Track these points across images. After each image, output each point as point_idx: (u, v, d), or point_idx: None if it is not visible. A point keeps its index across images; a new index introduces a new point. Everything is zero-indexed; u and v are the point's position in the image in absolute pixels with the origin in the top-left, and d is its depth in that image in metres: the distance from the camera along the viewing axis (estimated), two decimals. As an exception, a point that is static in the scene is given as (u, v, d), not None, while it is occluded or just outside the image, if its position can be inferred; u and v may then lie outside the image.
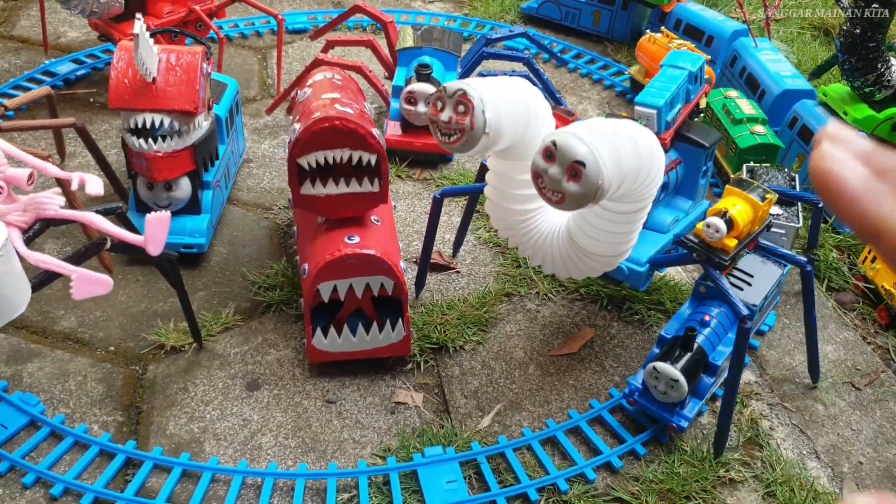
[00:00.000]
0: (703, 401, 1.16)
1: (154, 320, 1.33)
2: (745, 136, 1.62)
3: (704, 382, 1.15)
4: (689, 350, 1.12)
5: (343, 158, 1.13)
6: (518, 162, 1.01)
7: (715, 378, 1.16)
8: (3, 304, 0.94)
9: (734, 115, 1.66)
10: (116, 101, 1.31)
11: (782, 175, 1.49)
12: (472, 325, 1.34)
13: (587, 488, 1.11)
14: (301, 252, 1.26)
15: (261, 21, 2.24)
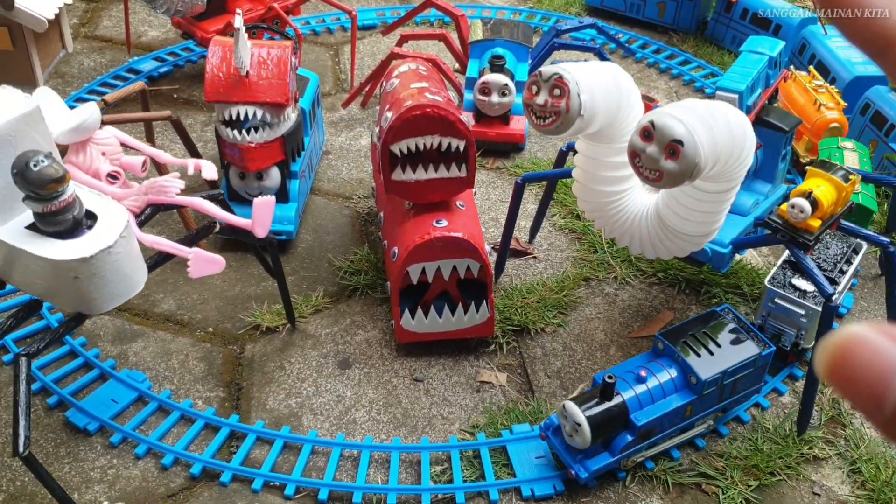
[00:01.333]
0: (616, 458, 1.07)
1: (248, 303, 1.39)
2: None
3: (622, 438, 1.06)
4: (608, 399, 1.05)
5: (433, 145, 1.18)
6: (608, 144, 1.04)
7: (641, 443, 1.08)
8: (125, 282, 1.00)
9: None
10: (212, 94, 1.37)
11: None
12: (553, 308, 1.38)
13: (672, 464, 1.14)
14: (389, 236, 1.31)
15: (331, 18, 2.30)
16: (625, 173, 1.07)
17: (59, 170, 0.93)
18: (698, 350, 1.10)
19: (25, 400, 0.91)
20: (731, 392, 1.13)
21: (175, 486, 1.11)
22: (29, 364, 0.94)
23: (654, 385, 1.08)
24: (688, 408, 1.10)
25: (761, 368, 1.14)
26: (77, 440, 1.17)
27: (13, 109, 0.96)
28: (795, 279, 1.20)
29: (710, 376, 1.07)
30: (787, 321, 1.21)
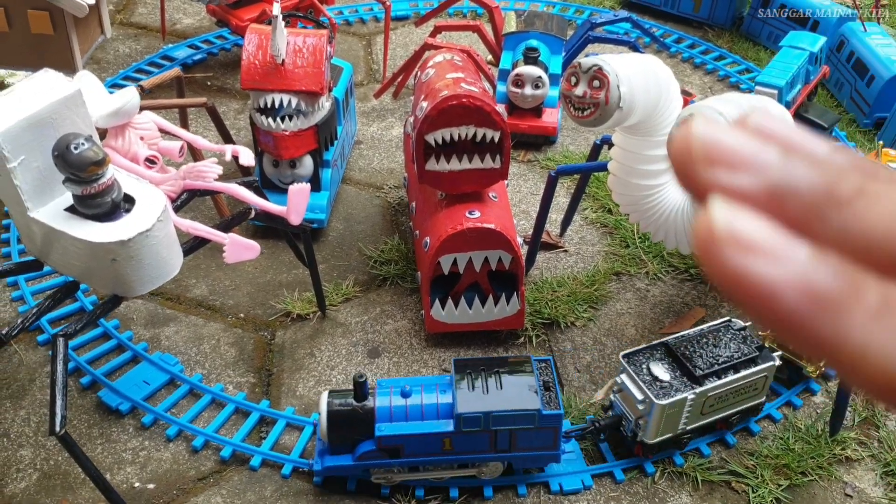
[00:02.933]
0: (355, 463, 1.03)
1: (279, 290, 1.40)
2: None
3: (364, 445, 1.03)
4: (359, 399, 1.03)
5: (468, 135, 1.18)
6: (645, 137, 1.03)
7: (388, 458, 1.03)
8: (161, 266, 1.01)
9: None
10: (248, 82, 1.38)
11: None
12: (583, 301, 1.37)
13: (702, 462, 1.13)
14: (421, 226, 1.31)
15: (364, 8, 2.30)
16: (661, 167, 1.06)
17: (99, 153, 0.93)
18: (479, 384, 1.03)
19: (62, 380, 0.92)
20: (510, 445, 1.04)
21: (205, 469, 1.12)
22: (66, 344, 0.95)
23: (415, 404, 1.02)
24: (445, 439, 1.02)
25: (549, 431, 1.03)
26: (110, 421, 1.18)
27: (55, 92, 0.97)
28: (656, 364, 1.06)
29: (468, 412, 1.00)
30: (630, 404, 1.08)
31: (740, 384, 1.08)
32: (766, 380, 1.11)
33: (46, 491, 1.09)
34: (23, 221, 1.01)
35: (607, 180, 1.13)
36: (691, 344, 1.09)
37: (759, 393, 1.12)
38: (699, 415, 1.08)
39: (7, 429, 1.17)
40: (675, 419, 1.06)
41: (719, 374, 1.06)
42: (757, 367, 1.08)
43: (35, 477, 1.11)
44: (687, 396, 1.03)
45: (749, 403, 1.12)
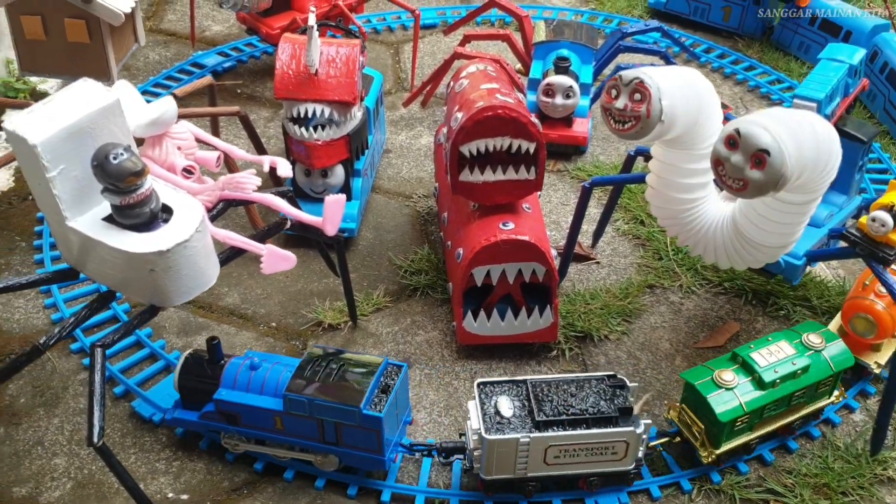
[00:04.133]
0: (197, 420, 1.09)
1: (311, 299, 1.39)
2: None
3: (209, 405, 1.08)
4: (212, 361, 1.07)
5: (503, 146, 1.17)
6: (686, 151, 1.02)
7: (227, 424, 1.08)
8: (199, 276, 1.01)
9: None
10: (281, 92, 1.38)
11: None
12: (617, 315, 1.36)
13: (739, 479, 1.12)
14: (453, 237, 1.30)
15: (392, 17, 2.30)
16: (701, 180, 1.05)
17: (138, 163, 0.94)
18: (320, 373, 1.05)
19: (100, 390, 0.92)
20: (336, 439, 1.05)
21: (238, 480, 1.12)
22: (104, 355, 0.95)
23: (258, 378, 1.06)
24: (276, 418, 1.05)
25: (371, 434, 1.03)
26: (143, 430, 1.18)
27: (94, 102, 0.97)
28: (505, 399, 1.03)
29: (294, 395, 1.02)
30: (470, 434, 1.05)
31: (592, 443, 1.02)
32: (627, 446, 1.03)
33: (81, 500, 1.09)
34: (60, 230, 1.01)
35: (645, 193, 1.12)
36: (551, 388, 1.05)
37: (626, 460, 1.05)
38: (543, 463, 1.03)
39: (41, 437, 1.17)
40: (510, 460, 1.02)
41: (565, 425, 1.01)
42: (613, 428, 1.01)
43: (69, 486, 1.11)
44: (519, 438, 0.99)
45: (616, 468, 1.06)
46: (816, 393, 1.13)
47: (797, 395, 1.10)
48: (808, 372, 1.09)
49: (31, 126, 0.93)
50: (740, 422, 1.07)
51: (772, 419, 1.11)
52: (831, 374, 1.11)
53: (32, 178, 0.97)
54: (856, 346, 1.20)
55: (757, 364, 1.08)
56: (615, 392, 1.05)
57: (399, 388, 1.07)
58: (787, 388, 1.08)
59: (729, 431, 1.07)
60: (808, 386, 1.10)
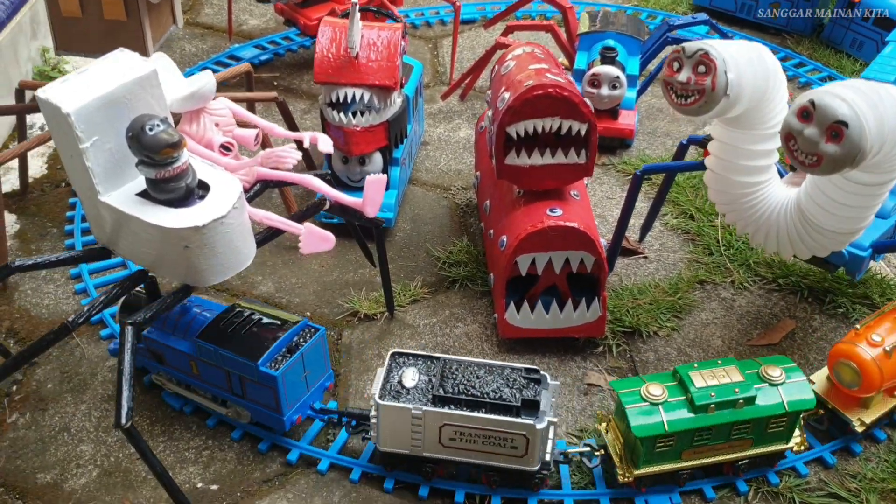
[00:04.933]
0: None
1: (346, 289, 1.35)
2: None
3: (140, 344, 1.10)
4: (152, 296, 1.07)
5: (552, 127, 1.12)
6: (749, 130, 0.96)
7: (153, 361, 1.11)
8: (234, 255, 0.97)
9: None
10: (321, 76, 1.34)
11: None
12: (666, 311, 1.30)
13: (799, 482, 1.05)
14: (495, 225, 1.25)
15: (431, 12, 2.26)
16: (765, 163, 0.99)
17: (175, 135, 0.90)
18: (238, 326, 1.05)
19: (130, 370, 0.88)
20: (242, 392, 1.06)
21: (270, 471, 1.07)
22: (135, 333, 0.91)
23: (185, 321, 1.08)
24: (192, 362, 1.07)
25: (269, 391, 1.02)
26: (172, 419, 1.14)
27: (130, 72, 0.93)
28: (412, 371, 1.00)
29: (204, 342, 1.04)
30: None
31: (489, 430, 0.96)
32: (527, 443, 0.96)
33: (107, 488, 1.05)
34: (92, 207, 0.98)
35: (704, 177, 1.06)
36: (462, 368, 1.00)
37: (529, 459, 0.98)
38: (438, 443, 0.98)
39: (68, 423, 1.13)
40: (405, 433, 0.98)
41: (462, 405, 0.96)
42: (510, 417, 0.95)
43: (95, 473, 1.07)
44: (411, 409, 0.95)
45: (518, 466, 0.99)
46: (766, 432, 1.00)
47: (739, 429, 0.99)
48: (754, 405, 0.98)
49: (65, 94, 0.89)
50: (663, 443, 0.98)
51: (706, 451, 1.00)
52: (783, 413, 0.99)
53: (65, 150, 0.94)
54: (844, 398, 1.07)
55: (693, 384, 0.98)
56: (528, 384, 0.99)
57: (309, 351, 1.06)
58: (723, 417, 0.97)
59: (649, 452, 0.98)
60: (751, 420, 0.98)
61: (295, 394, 1.05)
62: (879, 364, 1.01)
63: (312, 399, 1.10)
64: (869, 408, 1.06)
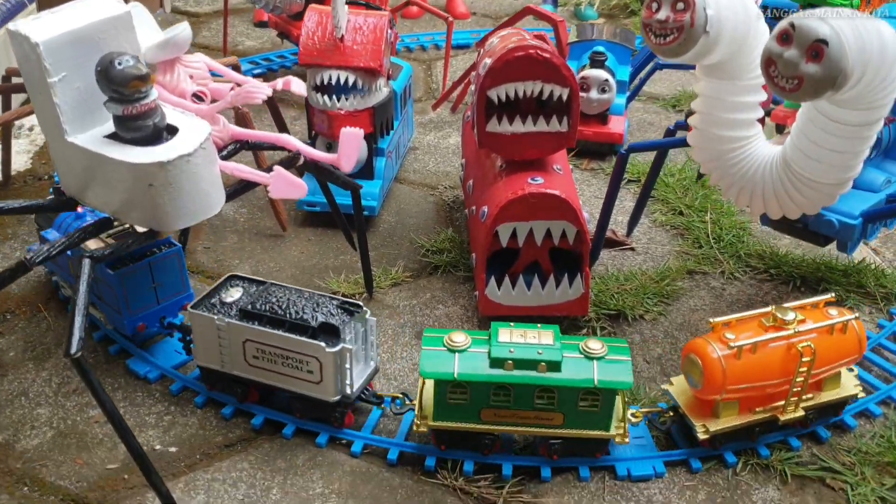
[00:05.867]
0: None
1: (325, 273, 1.31)
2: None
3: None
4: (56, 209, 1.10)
5: (534, 92, 1.10)
6: (731, 81, 0.94)
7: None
8: (201, 199, 0.94)
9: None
10: (305, 57, 1.33)
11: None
12: (653, 295, 1.26)
13: (790, 455, 0.99)
14: (477, 200, 1.23)
15: (425, 38, 2.29)
16: (749, 116, 0.97)
17: (143, 69, 0.88)
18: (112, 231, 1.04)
19: (84, 300, 0.84)
20: (99, 294, 1.10)
21: (233, 436, 1.02)
22: (93, 266, 0.88)
23: (77, 224, 1.09)
24: (70, 262, 1.12)
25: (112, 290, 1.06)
26: (136, 386, 1.09)
27: (103, 11, 0.92)
28: (239, 290, 1.02)
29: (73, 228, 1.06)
30: None
31: (285, 350, 0.96)
32: (320, 367, 0.94)
33: (60, 449, 1.00)
34: (61, 151, 0.95)
35: (687, 136, 1.04)
36: (285, 292, 1.00)
37: (325, 387, 0.96)
38: (244, 361, 0.99)
39: (27, 388, 1.09)
40: (214, 346, 0.99)
41: (264, 321, 0.96)
42: (303, 338, 0.94)
43: (50, 435, 1.02)
44: (215, 319, 0.96)
45: (315, 394, 0.97)
46: (577, 410, 0.93)
47: (542, 397, 0.92)
48: (558, 372, 0.91)
49: (36, 27, 0.88)
50: (455, 394, 0.92)
51: (509, 416, 0.94)
52: (592, 389, 0.91)
53: (34, 88, 0.92)
54: (698, 404, 0.98)
55: (497, 337, 0.93)
56: (339, 314, 0.97)
57: (160, 263, 1.07)
58: (522, 378, 0.91)
59: (441, 401, 0.93)
60: (555, 389, 0.91)
61: (140, 300, 1.08)
62: (725, 364, 0.91)
63: (166, 313, 1.11)
64: (719, 417, 0.96)
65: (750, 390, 0.94)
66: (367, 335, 1.00)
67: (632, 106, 1.88)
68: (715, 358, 0.91)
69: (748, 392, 0.94)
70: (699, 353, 0.93)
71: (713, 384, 0.92)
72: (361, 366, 1.02)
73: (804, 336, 0.94)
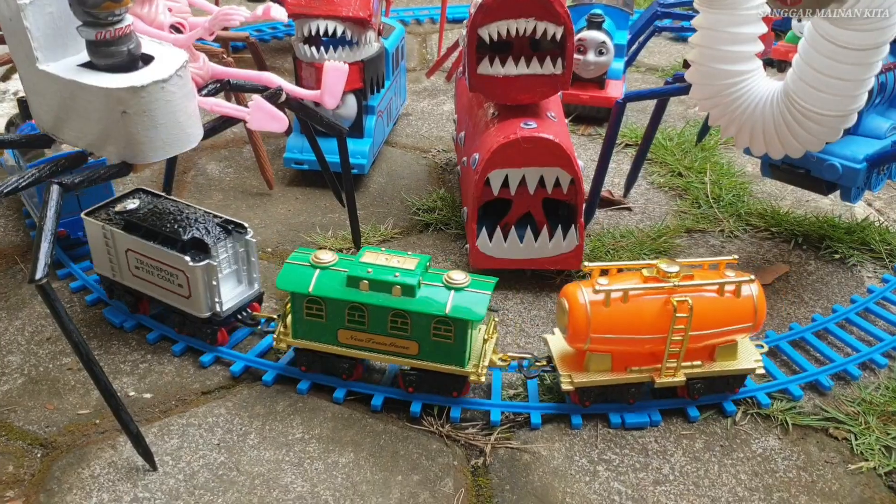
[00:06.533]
0: None
1: (312, 229, 1.27)
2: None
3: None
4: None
5: (527, 30, 1.06)
6: (730, 11, 0.91)
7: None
8: (177, 130, 0.90)
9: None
10: (293, 7, 1.30)
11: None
12: (649, 252, 1.22)
13: (792, 405, 0.95)
14: (468, 149, 1.19)
15: (421, 12, 2.25)
16: (748, 49, 0.93)
17: (117, -11, 0.84)
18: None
19: (51, 226, 0.80)
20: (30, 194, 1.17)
21: (212, 383, 0.98)
22: (60, 193, 0.84)
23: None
24: None
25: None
26: (111, 335, 1.05)
27: (77, -65, 0.88)
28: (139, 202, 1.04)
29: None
30: None
31: (160, 263, 0.98)
32: (187, 281, 0.96)
33: (31, 395, 0.96)
34: (34, 83, 0.92)
35: (685, 74, 1.00)
36: (176, 206, 1.02)
37: (195, 303, 0.97)
38: (129, 271, 1.02)
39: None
40: (105, 255, 1.03)
41: (143, 233, 0.99)
42: (174, 251, 0.95)
43: (20, 381, 0.98)
44: (101, 227, 1.00)
45: (188, 309, 0.99)
46: (432, 340, 0.89)
47: (396, 322, 0.89)
48: (413, 297, 0.88)
49: (4, -54, 0.85)
50: (312, 311, 0.91)
51: (366, 340, 0.91)
52: (444, 318, 0.87)
53: (3, 15, 0.88)
54: (572, 357, 0.92)
55: (360, 258, 0.92)
56: (218, 232, 0.98)
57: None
58: (376, 299, 0.88)
59: (299, 317, 0.92)
60: (408, 314, 0.88)
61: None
62: (591, 310, 0.86)
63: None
64: (588, 370, 0.90)
65: (620, 343, 0.87)
66: (248, 257, 1.01)
67: (630, 77, 1.84)
68: (581, 303, 0.86)
69: (618, 345, 0.88)
70: (568, 296, 0.88)
71: (577, 330, 0.86)
72: (241, 287, 1.02)
73: (685, 291, 0.87)
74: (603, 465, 0.88)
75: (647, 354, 0.90)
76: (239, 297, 1.02)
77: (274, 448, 0.88)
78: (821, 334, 1.06)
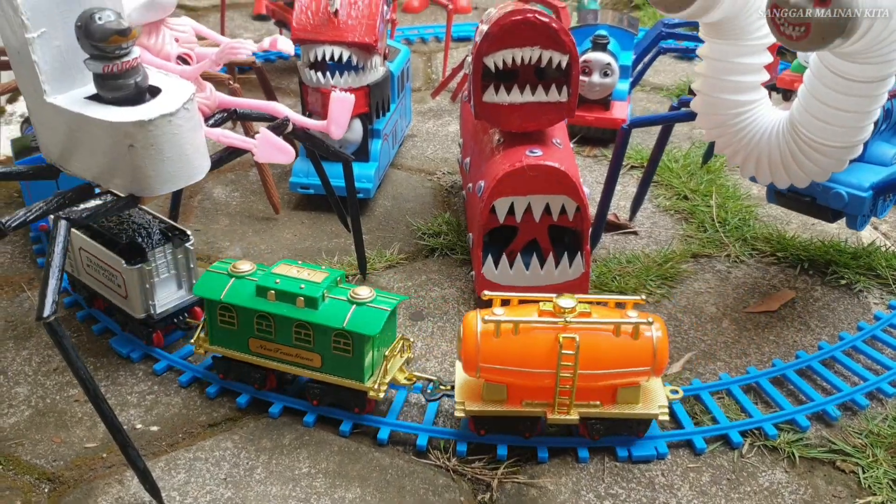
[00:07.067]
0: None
1: (318, 255, 1.28)
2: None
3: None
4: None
5: (532, 59, 1.06)
6: (735, 41, 0.91)
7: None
8: (184, 163, 0.90)
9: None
10: (299, 33, 1.30)
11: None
12: (656, 278, 1.22)
13: (799, 436, 0.95)
14: (474, 175, 1.19)
15: (426, 31, 2.26)
16: (754, 79, 0.93)
17: (124, 23, 0.84)
18: None
19: (59, 262, 0.80)
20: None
21: (218, 415, 0.98)
22: (68, 228, 0.84)
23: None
24: None
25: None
26: (118, 366, 1.05)
27: (84, -32, 0.89)
28: (95, 199, 1.01)
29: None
30: None
31: (99, 261, 1.04)
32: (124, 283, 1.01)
33: (38, 427, 0.96)
34: (41, 115, 0.92)
35: (691, 104, 1.00)
36: (130, 213, 1.07)
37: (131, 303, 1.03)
38: (84, 269, 1.08)
39: (6, 367, 1.05)
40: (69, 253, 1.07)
41: (91, 232, 1.05)
42: (112, 253, 1.01)
43: (28, 413, 0.98)
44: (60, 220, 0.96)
45: (128, 309, 1.04)
46: (333, 354, 0.91)
47: (300, 333, 0.92)
48: (315, 309, 0.91)
49: (12, -19, 0.85)
50: (224, 317, 0.96)
51: (274, 350, 0.95)
52: (341, 331, 0.89)
53: (12, 47, 0.89)
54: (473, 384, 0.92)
55: (272, 269, 0.95)
56: (161, 236, 1.04)
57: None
58: (281, 309, 0.92)
59: (213, 324, 0.97)
60: (310, 326, 0.91)
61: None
62: (480, 339, 0.86)
63: None
64: (484, 399, 0.90)
65: (511, 375, 0.87)
66: (187, 263, 1.06)
67: (635, 96, 1.84)
68: (472, 331, 0.86)
69: (509, 377, 0.87)
70: (464, 324, 0.88)
71: (468, 358, 0.86)
72: (179, 292, 1.07)
73: (576, 330, 0.85)
74: (610, 499, 0.87)
75: (541, 389, 0.89)
76: (176, 302, 1.06)
77: (280, 483, 0.88)
78: (828, 363, 1.06)
